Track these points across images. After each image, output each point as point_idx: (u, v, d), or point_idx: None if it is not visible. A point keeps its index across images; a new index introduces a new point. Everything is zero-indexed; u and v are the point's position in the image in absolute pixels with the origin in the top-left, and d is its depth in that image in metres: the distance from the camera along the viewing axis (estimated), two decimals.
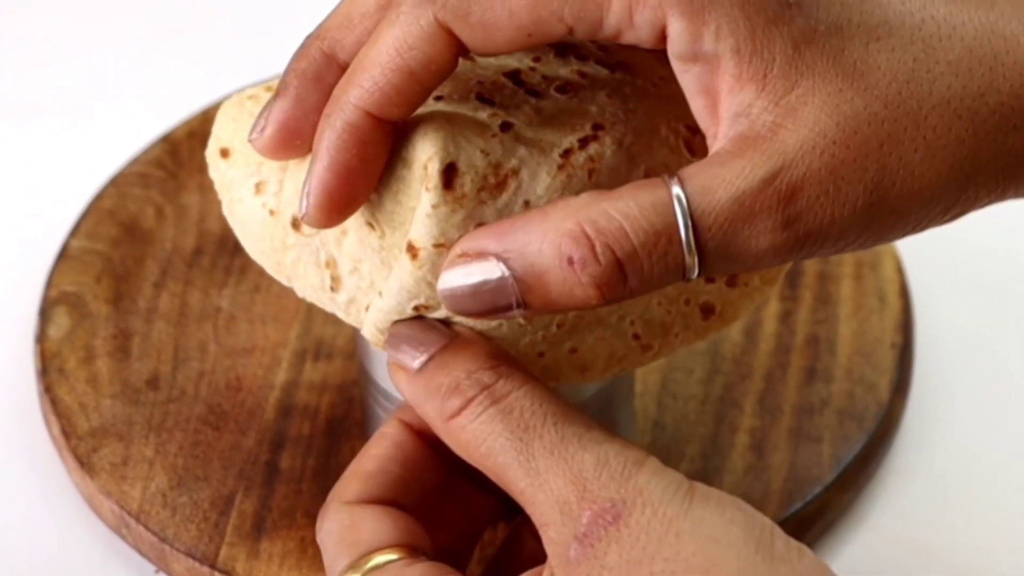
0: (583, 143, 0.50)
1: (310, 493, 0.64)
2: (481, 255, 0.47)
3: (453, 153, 0.48)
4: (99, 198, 0.74)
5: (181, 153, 0.76)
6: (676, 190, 0.45)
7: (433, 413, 0.49)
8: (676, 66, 0.47)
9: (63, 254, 0.72)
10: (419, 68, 0.47)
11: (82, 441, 0.65)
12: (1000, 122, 0.47)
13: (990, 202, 0.49)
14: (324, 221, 0.49)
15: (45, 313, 0.70)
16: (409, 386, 0.50)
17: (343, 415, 0.67)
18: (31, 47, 0.87)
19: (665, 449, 0.64)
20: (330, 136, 0.48)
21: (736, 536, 0.45)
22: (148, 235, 0.73)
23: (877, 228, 0.47)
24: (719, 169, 0.45)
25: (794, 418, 0.65)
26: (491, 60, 0.51)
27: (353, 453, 0.64)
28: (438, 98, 0.50)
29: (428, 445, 0.52)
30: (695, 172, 0.45)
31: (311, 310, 0.70)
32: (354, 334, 0.64)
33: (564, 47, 0.52)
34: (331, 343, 0.69)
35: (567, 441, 0.47)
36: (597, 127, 0.50)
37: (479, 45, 0.47)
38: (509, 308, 0.47)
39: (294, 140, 0.50)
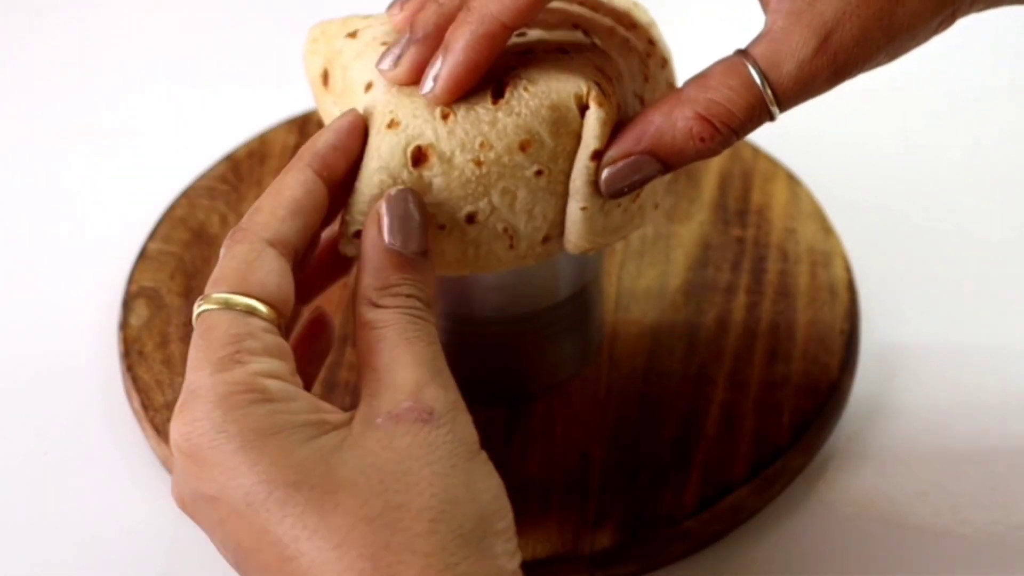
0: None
1: None
2: (627, 156, 0.53)
3: (590, 77, 0.54)
4: (172, 208, 0.75)
5: (242, 170, 0.77)
6: (754, 72, 0.52)
7: (369, 288, 0.50)
8: None
9: (142, 255, 0.73)
10: None
11: (158, 413, 0.66)
12: None
13: (965, 15, 0.55)
14: (444, 101, 0.53)
15: (127, 305, 0.70)
16: (375, 251, 0.51)
17: None
18: (116, 79, 0.88)
19: (651, 419, 0.65)
20: (469, 40, 0.52)
21: (474, 508, 0.47)
22: (214, 239, 0.73)
23: (892, 53, 0.53)
24: (780, 46, 0.52)
25: (759, 393, 0.66)
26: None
27: None
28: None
29: (327, 192, 0.52)
30: (763, 51, 0.52)
31: (351, 303, 0.70)
32: None
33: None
34: None
35: (431, 365, 0.49)
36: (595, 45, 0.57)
37: None
38: (653, 175, 0.53)
39: (418, 75, 0.53)
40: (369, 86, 0.54)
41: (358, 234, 0.52)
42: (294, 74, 0.62)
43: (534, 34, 0.56)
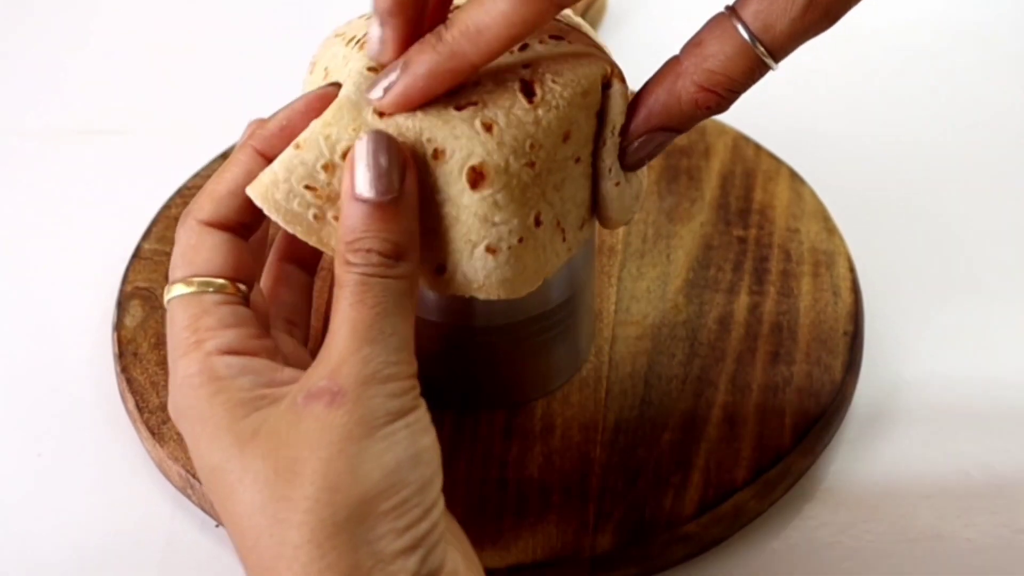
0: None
1: None
2: (640, 135, 0.55)
3: (603, 56, 0.56)
4: (167, 207, 0.75)
5: None
6: (745, 35, 0.52)
7: (344, 249, 0.52)
8: None
9: (136, 255, 0.73)
10: (524, 35, 0.52)
11: (153, 414, 0.66)
12: None
13: None
14: (388, 112, 0.52)
15: (122, 305, 0.71)
16: (348, 202, 0.52)
17: None
18: (109, 77, 0.88)
19: (651, 421, 0.65)
20: (433, 69, 0.52)
21: (355, 491, 0.48)
22: None
23: None
24: (771, 6, 0.52)
25: (761, 395, 0.66)
26: None
27: None
28: None
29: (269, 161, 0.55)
30: (754, 13, 0.52)
31: None
32: None
33: None
34: None
35: (363, 334, 0.50)
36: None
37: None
38: (670, 140, 0.56)
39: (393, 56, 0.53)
40: (384, 114, 0.53)
41: (440, 269, 0.54)
42: (290, 70, 0.62)
43: None
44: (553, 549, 0.60)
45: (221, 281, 0.53)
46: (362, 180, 0.51)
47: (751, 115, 0.77)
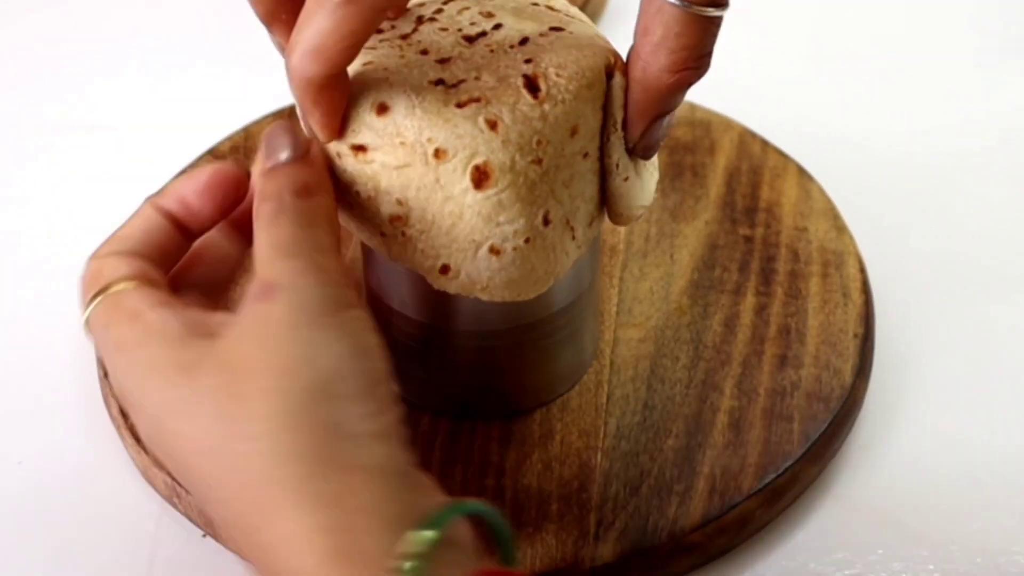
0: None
1: None
2: (643, 131, 0.55)
3: (605, 46, 0.55)
4: None
5: None
6: (679, 2, 0.51)
7: (256, 204, 0.53)
8: None
9: None
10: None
11: None
12: None
13: None
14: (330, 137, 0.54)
15: None
16: (257, 177, 0.54)
17: None
18: (92, 71, 0.89)
19: (654, 427, 0.64)
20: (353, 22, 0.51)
21: (309, 375, 0.48)
22: None
23: None
24: None
25: (768, 400, 0.65)
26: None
27: None
28: None
29: (168, 218, 0.56)
30: None
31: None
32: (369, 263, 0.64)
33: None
34: None
35: (285, 243, 0.51)
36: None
37: None
38: (673, 117, 0.56)
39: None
40: (383, 108, 0.53)
41: (444, 269, 0.54)
42: (279, 65, 0.62)
43: (510, 21, 0.56)
44: (552, 560, 0.60)
45: (131, 284, 0.53)
46: (267, 156, 0.54)
47: (757, 110, 0.77)
